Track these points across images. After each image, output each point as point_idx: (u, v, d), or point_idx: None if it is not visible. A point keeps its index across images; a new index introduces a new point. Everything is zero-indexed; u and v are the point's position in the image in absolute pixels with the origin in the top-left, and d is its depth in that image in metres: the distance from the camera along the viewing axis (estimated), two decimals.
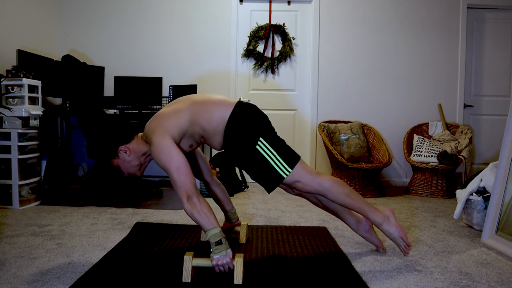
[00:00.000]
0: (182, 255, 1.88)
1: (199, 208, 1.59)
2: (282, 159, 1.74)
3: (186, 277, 1.56)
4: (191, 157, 2.04)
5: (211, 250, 1.58)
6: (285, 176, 1.73)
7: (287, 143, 1.82)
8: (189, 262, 1.56)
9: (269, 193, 1.79)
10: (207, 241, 2.10)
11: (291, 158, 1.75)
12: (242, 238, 2.10)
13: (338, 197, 1.78)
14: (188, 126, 1.74)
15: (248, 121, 1.76)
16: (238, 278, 1.55)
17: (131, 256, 1.87)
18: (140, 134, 1.88)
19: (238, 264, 1.56)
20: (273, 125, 1.86)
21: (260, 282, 1.58)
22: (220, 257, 1.56)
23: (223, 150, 1.88)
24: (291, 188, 1.86)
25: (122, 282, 1.56)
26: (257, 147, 1.73)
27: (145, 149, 1.84)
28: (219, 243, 1.57)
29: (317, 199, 2.00)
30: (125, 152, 1.80)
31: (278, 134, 1.84)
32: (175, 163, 1.61)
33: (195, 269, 1.65)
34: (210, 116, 1.75)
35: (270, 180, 1.75)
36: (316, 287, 1.54)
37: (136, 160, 1.83)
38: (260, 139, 1.74)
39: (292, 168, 1.73)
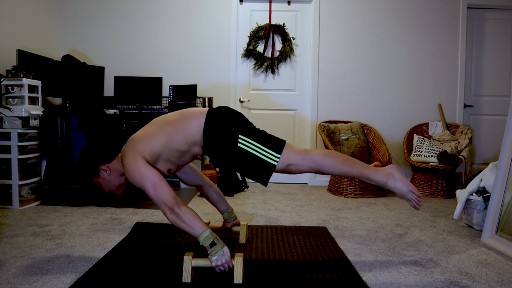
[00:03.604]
0: (182, 255, 1.88)
1: (183, 218, 1.59)
2: (267, 148, 1.72)
3: (186, 277, 1.56)
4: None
5: (208, 253, 1.59)
6: (275, 163, 1.72)
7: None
8: (189, 262, 1.56)
9: (265, 185, 1.77)
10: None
11: (276, 144, 1.74)
12: (242, 238, 2.10)
13: (335, 168, 1.75)
14: (162, 150, 1.72)
15: (222, 124, 1.75)
16: (238, 278, 1.55)
17: (131, 256, 1.87)
18: (120, 154, 1.87)
19: (238, 264, 1.56)
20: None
21: (260, 282, 1.58)
22: (218, 257, 1.57)
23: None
24: (287, 172, 1.82)
25: (122, 282, 1.56)
26: (239, 145, 1.72)
27: (123, 170, 1.82)
28: (213, 244, 1.57)
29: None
30: (106, 172, 1.81)
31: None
32: (150, 180, 1.62)
33: (195, 269, 1.65)
34: (186, 131, 1.74)
35: (263, 172, 1.73)
36: (316, 287, 1.54)
37: (116, 179, 1.84)
38: (240, 136, 1.73)
39: (280, 154, 1.72)
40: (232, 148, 1.73)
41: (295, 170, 1.75)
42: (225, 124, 1.75)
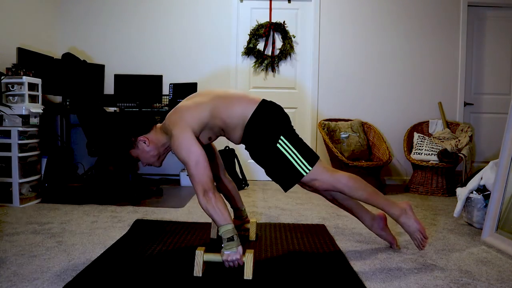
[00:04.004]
0: (182, 252, 1.89)
1: (214, 203, 1.60)
2: (302, 158, 1.76)
3: (198, 271, 1.58)
4: (209, 152, 2.04)
5: (222, 245, 1.60)
6: (304, 174, 1.75)
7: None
8: (201, 256, 1.58)
9: (286, 191, 1.80)
10: (213, 239, 2.11)
11: (311, 157, 1.78)
12: (252, 235, 2.12)
13: (356, 192, 1.80)
14: (209, 119, 1.76)
15: (270, 119, 1.78)
16: (248, 274, 1.57)
17: (130, 253, 1.87)
18: (159, 125, 1.89)
19: (249, 260, 1.57)
20: None
21: (262, 280, 1.58)
22: (231, 253, 1.57)
23: (241, 144, 1.90)
24: (308, 186, 1.86)
25: (120, 278, 1.56)
26: (278, 145, 1.75)
27: (164, 140, 1.85)
28: (231, 239, 1.58)
29: (333, 197, 2.01)
30: (144, 143, 1.82)
31: (299, 137, 1.85)
32: (194, 157, 1.62)
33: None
34: (231, 111, 1.77)
35: (289, 177, 1.76)
36: (313, 284, 1.54)
37: (155, 150, 1.85)
38: (281, 137, 1.76)
39: (312, 167, 1.75)
40: (270, 146, 1.75)
41: (318, 186, 1.79)
42: (272, 121, 1.77)
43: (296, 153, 1.75)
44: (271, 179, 1.85)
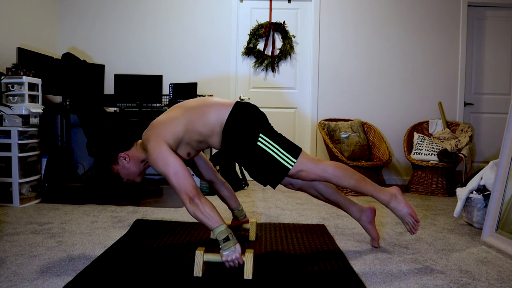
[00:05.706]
0: (182, 252, 1.89)
1: (202, 209, 1.61)
2: (285, 151, 1.77)
3: (198, 271, 1.58)
4: (196, 158, 2.06)
5: (220, 247, 1.60)
6: (290, 167, 1.75)
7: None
8: (201, 256, 1.59)
9: (274, 188, 1.81)
10: (214, 239, 2.11)
11: (294, 149, 1.79)
12: (252, 235, 2.12)
13: (343, 180, 1.80)
14: (184, 133, 1.75)
15: (246, 119, 1.78)
16: (248, 273, 1.57)
17: (131, 253, 1.87)
18: (139, 141, 1.90)
19: (249, 260, 1.58)
20: (273, 123, 1.88)
21: (262, 279, 1.58)
22: (229, 253, 1.58)
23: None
24: (294, 179, 1.85)
25: (120, 278, 1.56)
26: (259, 143, 1.75)
27: (144, 156, 1.86)
28: (226, 239, 1.59)
29: (318, 192, 2.01)
30: (125, 159, 1.83)
31: (278, 132, 1.86)
32: (172, 168, 1.63)
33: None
34: (205, 119, 1.77)
35: (276, 173, 1.76)
36: (313, 284, 1.54)
37: (135, 167, 1.86)
38: (260, 135, 1.76)
39: (296, 159, 1.76)
40: (251, 145, 1.75)
41: (305, 177, 1.79)
42: (249, 121, 1.78)
43: (278, 148, 1.76)
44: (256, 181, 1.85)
